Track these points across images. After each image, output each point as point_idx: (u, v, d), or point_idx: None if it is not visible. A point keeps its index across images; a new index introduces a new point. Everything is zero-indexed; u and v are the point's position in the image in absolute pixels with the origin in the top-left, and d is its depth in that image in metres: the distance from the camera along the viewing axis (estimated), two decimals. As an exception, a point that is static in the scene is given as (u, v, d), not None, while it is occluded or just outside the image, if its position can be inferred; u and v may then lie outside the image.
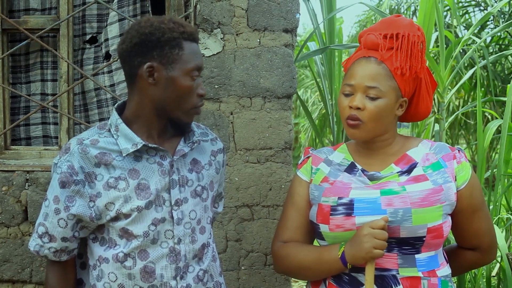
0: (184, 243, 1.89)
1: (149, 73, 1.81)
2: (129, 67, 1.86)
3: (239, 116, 2.76)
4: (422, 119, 2.16)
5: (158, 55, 1.81)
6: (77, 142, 1.85)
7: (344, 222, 1.90)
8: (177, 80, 1.82)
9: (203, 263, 1.97)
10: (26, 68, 3.23)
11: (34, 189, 2.73)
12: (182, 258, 1.89)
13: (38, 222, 1.86)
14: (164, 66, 1.81)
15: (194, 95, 1.86)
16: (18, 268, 2.75)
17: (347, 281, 1.94)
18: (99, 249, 1.88)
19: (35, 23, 2.98)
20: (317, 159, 2.11)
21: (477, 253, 2.11)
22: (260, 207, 2.78)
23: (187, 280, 1.90)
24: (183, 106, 1.85)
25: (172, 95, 1.83)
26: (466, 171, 2.00)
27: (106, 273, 1.87)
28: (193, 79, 1.84)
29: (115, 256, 1.85)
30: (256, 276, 2.79)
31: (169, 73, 1.81)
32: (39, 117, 3.23)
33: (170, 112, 1.86)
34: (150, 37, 1.80)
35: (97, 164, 1.82)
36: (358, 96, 1.94)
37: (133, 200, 1.82)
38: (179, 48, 1.82)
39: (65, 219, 1.82)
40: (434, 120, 3.95)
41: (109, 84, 3.15)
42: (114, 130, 1.87)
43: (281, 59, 2.76)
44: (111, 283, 1.86)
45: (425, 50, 2.03)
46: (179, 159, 1.91)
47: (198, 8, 2.74)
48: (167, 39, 1.81)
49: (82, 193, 1.81)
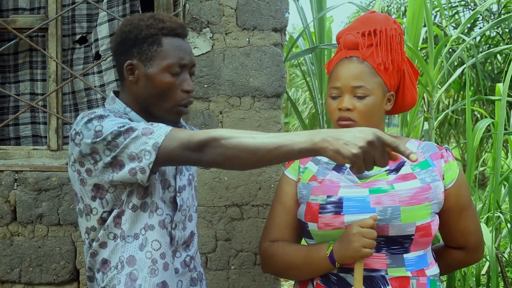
0: (178, 229, 1.90)
1: (130, 71, 1.82)
2: (118, 66, 1.88)
3: (229, 116, 2.76)
4: (410, 108, 2.18)
5: (137, 53, 1.81)
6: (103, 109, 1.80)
7: (333, 220, 1.91)
8: (156, 77, 1.80)
9: (190, 250, 1.96)
10: (15, 68, 3.22)
11: (22, 189, 2.72)
12: (174, 243, 1.89)
13: (145, 126, 1.68)
14: (143, 63, 1.81)
15: (176, 91, 1.82)
16: (7, 269, 2.74)
17: (335, 281, 1.93)
18: (143, 216, 1.79)
19: (24, 23, 2.97)
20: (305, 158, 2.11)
21: (464, 252, 2.13)
22: (250, 206, 2.77)
23: (175, 265, 1.89)
24: (165, 104, 1.83)
25: (153, 92, 1.81)
26: (453, 170, 2.01)
27: (150, 241, 1.80)
28: (172, 75, 1.81)
29: (162, 222, 1.80)
30: (245, 275, 2.79)
31: (147, 70, 1.81)
32: (28, 116, 3.23)
33: (153, 110, 1.84)
34: (129, 35, 1.81)
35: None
36: (346, 97, 1.95)
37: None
38: (157, 44, 1.81)
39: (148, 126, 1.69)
40: (424, 119, 3.96)
41: (99, 84, 3.15)
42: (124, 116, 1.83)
43: (270, 58, 2.76)
44: (153, 252, 1.80)
45: (403, 42, 2.05)
46: None
47: (187, 7, 2.74)
48: (145, 36, 1.80)
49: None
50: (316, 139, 1.47)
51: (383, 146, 1.46)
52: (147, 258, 1.79)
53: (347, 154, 1.42)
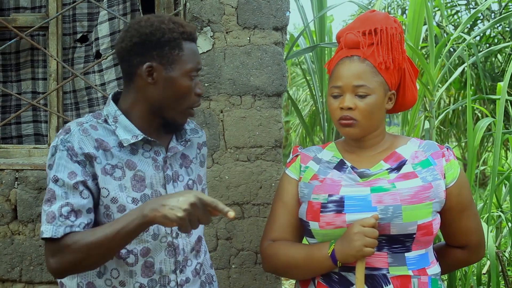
0: (181, 237, 1.91)
1: (148, 73, 1.82)
2: (128, 66, 1.86)
3: (229, 114, 2.76)
4: (410, 107, 2.18)
5: (158, 55, 1.81)
6: (77, 124, 1.83)
7: (335, 219, 1.90)
8: (177, 81, 1.82)
9: (200, 256, 2.00)
10: (16, 67, 3.22)
11: (23, 187, 2.72)
12: (180, 252, 1.91)
13: (58, 205, 1.73)
14: (163, 67, 1.82)
15: (192, 95, 1.86)
16: (7, 267, 2.74)
17: (337, 280, 1.93)
18: None
19: (25, 21, 2.97)
20: (306, 157, 2.11)
21: (466, 252, 2.12)
22: (251, 205, 2.77)
23: (187, 274, 1.93)
24: (180, 106, 1.86)
25: (171, 95, 1.84)
26: (455, 169, 2.01)
27: (109, 269, 1.85)
28: (191, 79, 1.85)
29: (118, 253, 1.83)
30: (246, 274, 2.79)
31: (168, 74, 1.82)
32: (30, 115, 3.23)
33: (166, 112, 1.86)
34: (150, 37, 1.81)
35: (96, 147, 1.80)
36: (348, 96, 1.95)
37: (128, 191, 1.82)
38: (179, 48, 1.82)
39: (85, 189, 1.76)
40: (424, 118, 3.95)
41: (99, 83, 3.15)
42: (112, 121, 1.86)
43: (271, 57, 2.76)
44: (113, 280, 1.85)
45: (403, 41, 2.06)
46: (172, 155, 1.93)
47: (188, 6, 2.74)
48: (167, 40, 1.81)
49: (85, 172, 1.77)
50: (145, 212, 1.63)
51: (204, 206, 1.63)
52: (107, 285, 1.86)
53: (174, 218, 1.58)
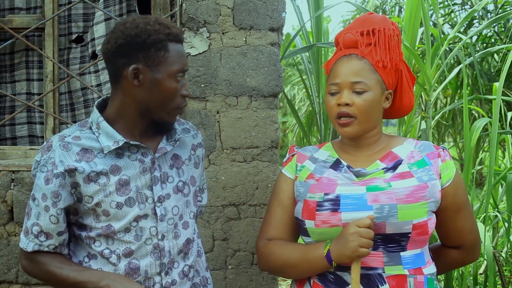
0: (168, 239, 1.91)
1: (134, 75, 1.81)
2: (113, 67, 1.85)
3: (226, 115, 2.76)
4: (407, 113, 2.20)
5: (144, 57, 1.81)
6: (59, 138, 1.85)
7: (330, 218, 1.91)
8: (162, 82, 1.82)
9: (188, 258, 1.99)
10: (11, 68, 3.22)
11: (19, 189, 2.71)
12: (166, 254, 1.90)
13: (31, 222, 1.84)
14: (149, 68, 1.81)
15: (178, 96, 1.86)
16: (4, 269, 2.73)
17: (333, 280, 1.94)
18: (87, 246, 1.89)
19: (20, 22, 2.96)
20: (302, 156, 2.12)
21: (461, 252, 2.13)
22: (247, 206, 2.77)
23: (172, 276, 1.92)
24: (167, 107, 1.86)
25: (157, 97, 1.84)
26: (450, 170, 2.01)
27: (94, 268, 1.87)
28: (177, 81, 1.84)
29: (101, 252, 1.86)
30: (243, 275, 2.79)
31: (154, 75, 1.82)
32: (25, 116, 3.22)
33: (154, 113, 1.87)
34: (135, 39, 1.80)
35: (78, 160, 1.82)
36: (345, 92, 1.96)
37: (113, 195, 1.83)
38: (164, 50, 1.82)
39: (55, 215, 1.82)
40: (421, 118, 3.96)
41: (95, 83, 3.14)
42: (95, 128, 1.87)
43: (267, 58, 2.76)
44: None
45: (401, 43, 2.08)
46: (161, 156, 1.93)
47: (184, 7, 2.74)
48: (153, 41, 1.80)
49: (64, 184, 1.81)
50: (102, 283, 1.77)
51: None
52: None
53: None
